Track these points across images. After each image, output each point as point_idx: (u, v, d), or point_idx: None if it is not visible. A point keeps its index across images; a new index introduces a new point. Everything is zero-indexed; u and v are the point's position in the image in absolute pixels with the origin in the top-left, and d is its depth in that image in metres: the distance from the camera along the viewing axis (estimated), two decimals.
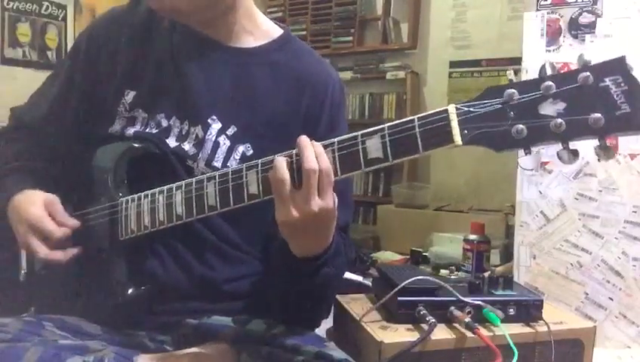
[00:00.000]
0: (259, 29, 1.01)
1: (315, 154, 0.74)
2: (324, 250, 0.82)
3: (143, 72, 0.97)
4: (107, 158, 0.93)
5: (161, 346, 0.89)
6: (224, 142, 0.93)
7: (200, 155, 0.92)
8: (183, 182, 0.86)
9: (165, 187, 0.87)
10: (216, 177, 0.82)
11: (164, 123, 0.94)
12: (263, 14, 1.04)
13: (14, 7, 3.83)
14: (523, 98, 0.65)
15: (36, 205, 0.91)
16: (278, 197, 0.76)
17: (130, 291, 0.89)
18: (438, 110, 0.70)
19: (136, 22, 0.99)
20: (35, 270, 0.99)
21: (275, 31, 1.03)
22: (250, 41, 0.99)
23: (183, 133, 0.94)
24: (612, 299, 1.75)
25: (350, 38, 4.62)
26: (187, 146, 0.93)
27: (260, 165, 0.79)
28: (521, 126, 0.65)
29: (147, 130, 0.94)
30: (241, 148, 0.94)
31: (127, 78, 0.97)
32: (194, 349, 0.86)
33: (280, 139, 0.94)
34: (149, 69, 0.97)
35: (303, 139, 0.75)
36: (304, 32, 4.64)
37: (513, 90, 0.65)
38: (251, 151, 0.94)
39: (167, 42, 0.98)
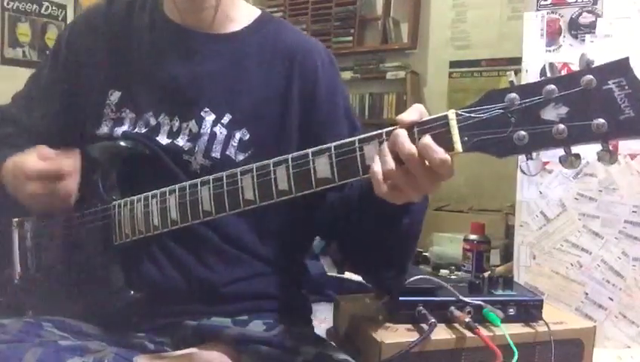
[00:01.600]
0: (240, 14, 1.00)
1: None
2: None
3: (126, 71, 0.96)
4: (94, 159, 0.92)
5: (161, 347, 0.89)
6: (220, 132, 0.92)
7: (196, 148, 0.92)
8: (177, 186, 0.85)
9: (158, 191, 0.86)
10: (210, 181, 0.81)
11: (153, 121, 0.93)
12: None
13: (14, 7, 3.83)
14: (524, 103, 0.64)
15: (30, 158, 0.88)
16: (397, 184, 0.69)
17: (127, 295, 0.88)
18: (437, 116, 0.68)
19: (115, 18, 0.99)
20: (30, 273, 0.99)
21: (253, 12, 1.02)
22: (231, 26, 0.98)
23: (174, 129, 0.93)
24: (612, 299, 1.76)
25: (350, 38, 4.61)
26: (181, 142, 0.92)
27: (254, 170, 0.78)
28: (522, 132, 0.63)
29: (136, 130, 0.93)
30: (238, 135, 0.93)
31: (111, 79, 0.96)
32: (193, 349, 0.86)
33: (277, 117, 0.94)
34: (132, 67, 0.96)
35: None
36: (304, 33, 4.62)
37: (514, 95, 0.64)
38: (248, 136, 0.93)
39: (148, 38, 0.97)
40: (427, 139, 0.66)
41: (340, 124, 0.97)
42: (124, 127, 0.94)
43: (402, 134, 0.68)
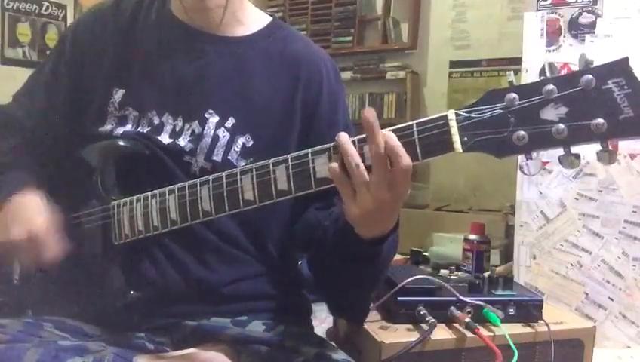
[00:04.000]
0: (249, 18, 1.00)
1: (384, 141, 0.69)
2: (392, 229, 0.79)
3: (131, 70, 0.95)
4: (93, 158, 0.92)
5: (161, 347, 0.89)
6: (223, 135, 0.92)
7: (198, 150, 0.91)
8: (176, 186, 0.84)
9: (158, 191, 0.86)
10: (210, 181, 0.81)
11: (156, 120, 0.93)
12: (250, 3, 1.02)
13: (14, 7, 3.83)
14: (524, 103, 0.64)
15: (40, 217, 0.88)
16: (352, 186, 0.70)
17: (127, 296, 0.88)
18: (437, 116, 0.68)
19: (122, 17, 0.98)
20: (29, 273, 0.98)
21: (264, 18, 1.02)
22: (241, 30, 0.98)
23: (177, 129, 0.93)
24: (612, 299, 1.75)
25: (350, 38, 4.62)
26: (183, 142, 0.92)
27: (254, 170, 0.78)
28: (522, 132, 0.64)
29: (139, 129, 0.93)
30: (240, 140, 0.93)
31: (115, 76, 0.95)
32: (193, 349, 0.86)
33: (280, 126, 0.94)
34: (138, 65, 0.95)
35: (370, 123, 0.69)
36: (304, 32, 4.63)
37: (514, 95, 0.64)
38: (251, 142, 0.93)
39: (155, 37, 0.96)
40: (397, 140, 0.68)
41: None
42: (128, 126, 0.93)
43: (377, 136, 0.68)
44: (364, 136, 0.70)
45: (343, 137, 0.70)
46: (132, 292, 0.88)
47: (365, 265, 0.82)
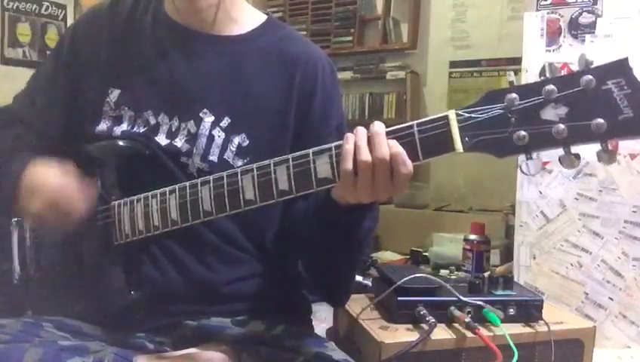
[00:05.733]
0: (243, 17, 1.00)
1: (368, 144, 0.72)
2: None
3: (127, 70, 0.96)
4: (94, 158, 0.92)
5: (161, 347, 0.89)
6: (219, 135, 0.92)
7: (194, 151, 0.91)
8: (177, 186, 0.84)
9: (159, 191, 0.86)
10: (211, 181, 0.81)
11: (152, 120, 0.93)
12: (245, 1, 1.02)
13: (14, 7, 3.83)
14: (524, 103, 0.64)
15: (54, 182, 0.88)
16: (356, 183, 0.73)
17: (127, 295, 0.88)
18: (437, 116, 0.69)
19: (118, 18, 0.99)
20: (29, 273, 0.98)
21: (259, 17, 1.02)
22: (235, 29, 0.98)
23: (173, 129, 0.93)
24: (612, 299, 1.75)
25: (350, 38, 4.61)
26: (179, 143, 0.92)
27: (255, 169, 0.78)
28: (522, 132, 0.64)
29: (135, 129, 0.93)
30: (236, 140, 0.93)
31: (111, 76, 0.96)
32: (193, 349, 0.86)
33: (275, 125, 0.94)
34: (134, 65, 0.96)
35: (379, 134, 0.72)
36: (304, 32, 4.63)
37: (514, 95, 0.64)
38: (247, 142, 0.93)
39: (150, 38, 0.97)
40: (400, 148, 0.70)
41: (330, 141, 0.96)
42: (123, 126, 0.93)
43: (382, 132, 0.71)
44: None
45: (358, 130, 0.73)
46: (132, 292, 0.88)
47: (344, 232, 0.84)
